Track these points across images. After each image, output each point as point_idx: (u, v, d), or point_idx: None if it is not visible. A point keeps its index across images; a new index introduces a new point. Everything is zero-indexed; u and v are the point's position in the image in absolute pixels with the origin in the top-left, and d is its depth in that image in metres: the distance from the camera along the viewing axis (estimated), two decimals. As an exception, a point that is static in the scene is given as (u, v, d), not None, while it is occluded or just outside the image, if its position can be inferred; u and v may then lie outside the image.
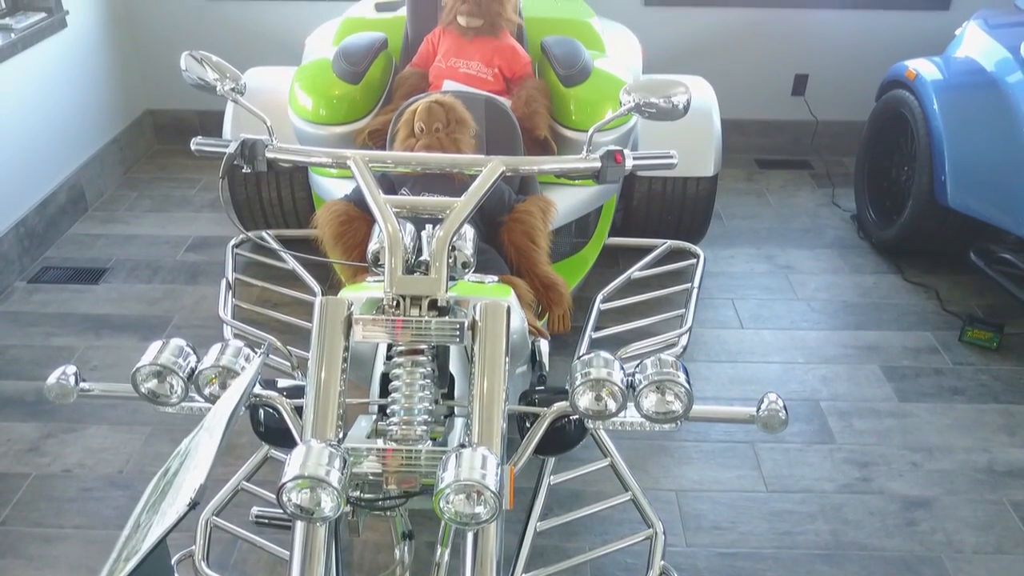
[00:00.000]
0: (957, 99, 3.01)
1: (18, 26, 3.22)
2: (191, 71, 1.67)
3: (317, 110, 2.62)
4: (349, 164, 1.57)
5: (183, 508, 0.91)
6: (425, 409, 1.41)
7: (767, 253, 3.37)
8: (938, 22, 3.85)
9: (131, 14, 3.99)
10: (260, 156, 1.64)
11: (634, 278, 2.83)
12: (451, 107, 2.19)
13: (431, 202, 1.54)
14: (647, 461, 2.33)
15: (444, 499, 1.22)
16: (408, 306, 1.41)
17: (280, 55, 3.83)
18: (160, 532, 0.91)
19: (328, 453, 1.23)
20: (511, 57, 2.66)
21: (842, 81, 4.05)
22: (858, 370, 2.72)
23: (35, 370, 2.67)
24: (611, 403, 1.45)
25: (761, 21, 3.95)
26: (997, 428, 2.47)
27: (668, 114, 1.64)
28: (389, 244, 1.42)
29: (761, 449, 2.38)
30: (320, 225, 2.18)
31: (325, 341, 1.37)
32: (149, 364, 1.47)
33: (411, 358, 1.42)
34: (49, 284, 3.12)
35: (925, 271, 3.23)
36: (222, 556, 2.01)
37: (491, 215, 2.21)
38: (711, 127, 3.02)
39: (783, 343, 2.84)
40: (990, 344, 2.80)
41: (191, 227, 3.52)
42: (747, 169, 4.11)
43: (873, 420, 2.50)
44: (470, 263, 1.56)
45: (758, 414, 1.50)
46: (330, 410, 1.33)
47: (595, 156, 1.60)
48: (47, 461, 2.32)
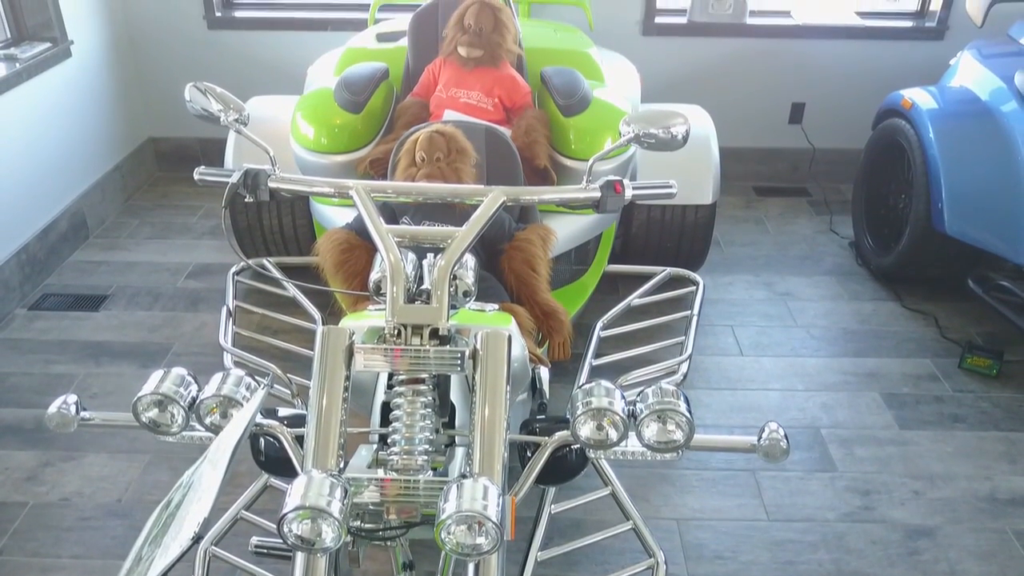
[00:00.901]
0: (953, 128, 3.04)
1: (23, 56, 3.26)
2: (195, 102, 1.68)
3: (319, 139, 2.64)
4: (351, 194, 1.58)
5: (186, 542, 0.91)
6: (426, 439, 1.40)
7: (766, 280, 3.39)
8: (932, 52, 3.90)
9: (134, 43, 4.03)
10: (263, 186, 1.65)
11: (634, 305, 2.84)
12: (452, 137, 2.21)
13: (433, 232, 1.55)
14: (648, 490, 2.33)
15: (445, 530, 1.21)
16: (409, 335, 1.41)
17: (282, 84, 3.87)
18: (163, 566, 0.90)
19: (329, 483, 1.23)
20: (511, 87, 2.69)
21: (838, 110, 4.09)
22: (858, 397, 2.71)
23: (34, 398, 2.66)
24: (612, 433, 1.45)
25: (758, 51, 4.00)
26: (998, 456, 2.47)
27: (667, 144, 1.66)
28: (391, 273, 1.43)
29: (762, 477, 2.38)
30: (321, 253, 2.19)
31: (326, 370, 1.38)
32: (151, 393, 1.46)
33: (412, 387, 1.42)
34: (49, 311, 3.12)
35: (924, 298, 3.24)
36: (220, 586, 1.99)
37: (492, 243, 2.22)
38: (709, 155, 3.04)
39: (783, 370, 2.84)
40: (990, 371, 2.80)
41: (192, 254, 3.54)
42: (745, 196, 4.13)
43: (874, 448, 2.50)
44: (471, 292, 1.56)
45: (759, 443, 1.50)
46: (331, 440, 1.33)
47: (595, 186, 1.61)
48: (45, 490, 2.31)
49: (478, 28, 2.61)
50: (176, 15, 3.96)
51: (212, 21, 3.97)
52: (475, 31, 2.61)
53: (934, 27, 3.90)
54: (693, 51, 4.00)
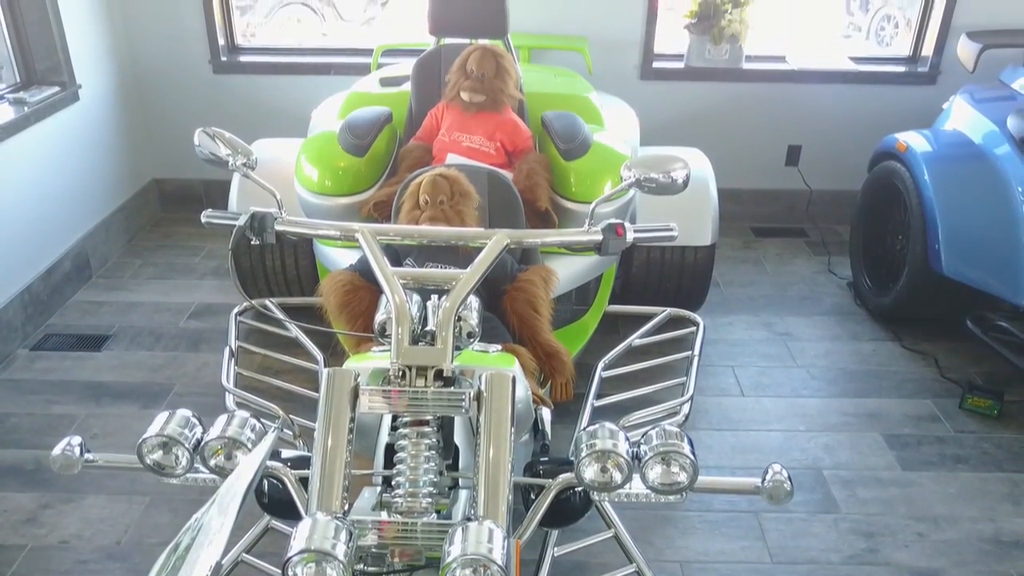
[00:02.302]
0: (947, 170, 3.08)
1: (32, 99, 3.31)
2: (204, 146, 1.72)
3: (323, 181, 2.67)
4: (357, 237, 1.61)
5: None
6: (430, 481, 1.41)
7: (765, 320, 3.40)
8: (925, 96, 3.97)
9: (141, 87, 4.10)
10: (269, 229, 1.68)
11: (635, 345, 2.85)
12: (455, 180, 2.24)
13: (437, 274, 1.57)
14: (651, 532, 2.31)
15: (450, 573, 1.21)
16: (414, 376, 1.42)
17: (286, 127, 3.92)
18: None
19: (334, 526, 1.23)
20: (513, 132, 2.73)
21: (834, 152, 4.15)
22: (860, 438, 2.71)
23: (35, 438, 2.66)
24: (617, 475, 1.45)
25: (754, 95, 4.07)
26: (1002, 497, 2.46)
27: (668, 189, 1.69)
28: (396, 315, 1.44)
29: (765, 519, 2.36)
30: (325, 294, 2.21)
31: (331, 412, 1.38)
32: (155, 435, 1.47)
33: (416, 429, 1.43)
34: (51, 351, 3.13)
35: (923, 338, 3.25)
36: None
37: (494, 284, 2.24)
38: (708, 197, 3.08)
39: (784, 411, 2.84)
40: (991, 412, 2.81)
41: (194, 294, 3.55)
42: (744, 237, 4.17)
43: (877, 489, 2.49)
44: (475, 333, 1.58)
45: (763, 485, 1.50)
46: (336, 482, 1.33)
47: (597, 229, 1.64)
48: (44, 532, 2.29)
49: (480, 74, 2.67)
50: (183, 59, 4.03)
51: (218, 66, 4.05)
52: (477, 76, 2.66)
53: (926, 72, 3.98)
54: (691, 95, 4.07)
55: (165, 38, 3.99)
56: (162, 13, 3.93)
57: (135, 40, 4.00)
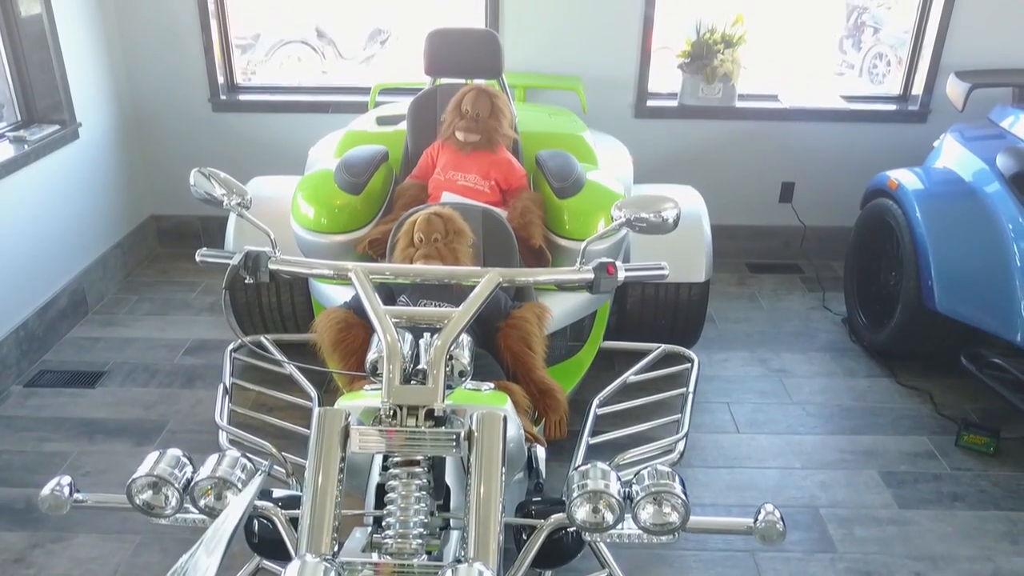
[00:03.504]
0: (939, 207, 3.11)
1: (32, 137, 3.35)
2: (199, 186, 1.73)
3: (319, 219, 2.69)
4: (350, 276, 1.62)
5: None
6: (421, 522, 1.40)
7: (761, 357, 3.40)
8: (916, 134, 4.02)
9: (140, 124, 4.14)
10: (263, 267, 1.69)
11: (630, 382, 2.85)
12: (449, 218, 2.26)
13: (429, 312, 1.58)
14: (646, 572, 2.29)
15: (440, 616, 1.20)
16: (405, 416, 1.42)
17: (284, 164, 3.96)
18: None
19: (323, 568, 1.22)
20: (507, 170, 2.76)
21: (827, 189, 4.19)
22: (856, 476, 2.70)
23: (26, 476, 2.64)
24: (608, 515, 1.44)
25: (747, 132, 4.12)
26: (1000, 536, 2.44)
27: (658, 228, 1.71)
28: (388, 354, 1.45)
29: (761, 559, 2.34)
30: (319, 332, 2.21)
31: (322, 451, 1.38)
32: (145, 475, 1.46)
33: (407, 469, 1.42)
34: (45, 388, 3.12)
35: (918, 374, 3.25)
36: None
37: (487, 321, 2.25)
38: (701, 235, 3.10)
39: (780, 448, 2.83)
40: (987, 449, 2.80)
41: (190, 330, 3.55)
42: (739, 273, 4.19)
43: (874, 528, 2.47)
44: (467, 372, 1.58)
45: (755, 525, 1.49)
46: (325, 523, 1.32)
47: (588, 268, 1.65)
48: (33, 572, 2.27)
49: (475, 114, 2.70)
50: (182, 98, 4.08)
51: (217, 104, 4.10)
52: (472, 116, 2.70)
53: (917, 110, 4.04)
54: (685, 133, 4.12)
55: (165, 77, 4.04)
56: (163, 52, 3.99)
57: (135, 78, 4.05)
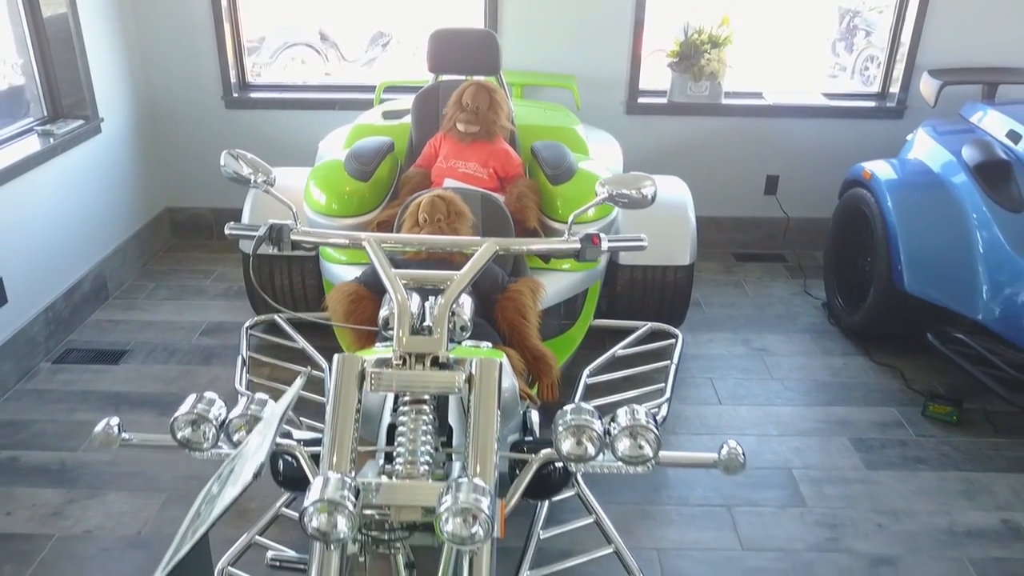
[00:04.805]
0: (908, 197, 3.32)
1: (58, 132, 3.56)
2: (228, 167, 1.95)
3: (330, 204, 2.91)
4: (364, 245, 1.83)
5: (249, 477, 1.16)
6: (427, 452, 1.61)
7: (744, 337, 3.62)
8: (893, 129, 4.23)
9: (157, 121, 4.36)
10: (286, 238, 1.90)
11: (618, 356, 3.06)
12: (451, 201, 2.48)
13: (434, 275, 1.80)
14: (631, 523, 2.50)
15: (443, 522, 1.40)
16: (413, 362, 1.64)
17: (294, 158, 4.18)
18: (229, 499, 1.14)
19: (344, 482, 1.43)
20: (504, 159, 2.98)
21: (809, 182, 4.40)
22: (828, 442, 2.91)
23: (59, 442, 2.85)
24: (590, 448, 1.65)
25: (734, 128, 4.33)
26: (957, 494, 2.65)
27: (638, 203, 1.93)
28: (398, 311, 1.67)
29: (737, 513, 2.55)
30: (332, 304, 2.43)
31: (341, 390, 1.59)
32: (186, 413, 1.67)
33: (415, 407, 1.63)
34: (72, 364, 3.34)
35: (891, 353, 3.46)
36: (234, 607, 2.15)
37: (486, 294, 2.46)
38: (686, 221, 3.31)
39: (759, 418, 3.04)
40: (950, 418, 3.01)
41: (205, 314, 3.77)
42: (726, 262, 4.40)
43: (842, 486, 2.68)
44: (468, 327, 1.79)
45: (720, 458, 1.70)
46: (345, 450, 1.54)
47: (575, 238, 1.87)
48: (70, 524, 2.48)
49: (475, 107, 2.92)
50: (197, 96, 4.30)
51: (230, 101, 4.31)
52: (472, 109, 2.92)
53: (894, 107, 4.25)
54: (674, 129, 4.34)
55: (181, 75, 4.26)
56: (178, 52, 4.21)
57: (153, 77, 4.27)
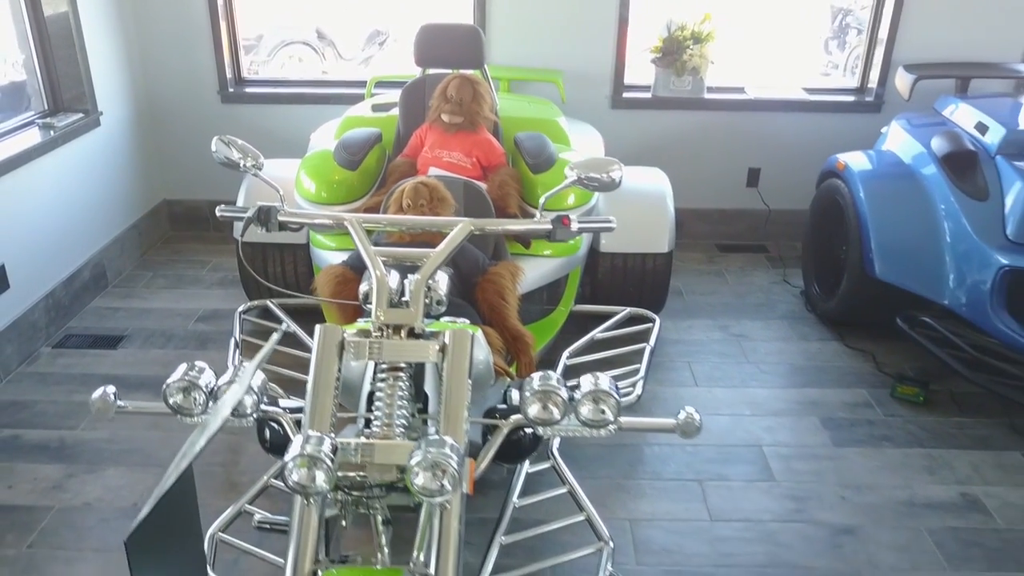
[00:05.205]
0: (880, 187, 3.44)
1: (59, 124, 3.68)
2: (220, 152, 2.06)
3: (320, 192, 3.03)
4: (346, 224, 1.95)
5: (227, 411, 1.33)
6: (403, 416, 1.72)
7: (723, 324, 3.73)
8: (871, 122, 4.34)
9: (155, 115, 4.48)
10: (273, 219, 2.02)
11: (597, 339, 3.18)
12: (434, 187, 2.59)
13: (412, 252, 1.92)
14: (606, 497, 2.61)
15: (413, 475, 1.51)
16: (391, 333, 1.75)
17: (287, 150, 4.29)
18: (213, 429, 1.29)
19: (323, 439, 1.54)
20: (488, 149, 3.10)
21: (790, 174, 4.51)
22: (799, 421, 3.02)
23: (59, 421, 2.97)
24: (555, 412, 1.76)
25: (716, 122, 4.44)
26: (920, 469, 2.77)
27: (606, 186, 2.04)
28: (377, 285, 1.78)
29: (708, 487, 2.67)
30: (320, 285, 2.54)
31: (322, 359, 1.71)
32: (178, 380, 1.79)
33: (392, 374, 1.75)
34: (72, 349, 3.45)
35: (864, 338, 3.58)
36: (226, 565, 2.26)
37: (468, 276, 2.58)
38: (665, 210, 3.43)
39: (733, 399, 3.16)
40: (917, 398, 3.12)
41: (201, 302, 3.88)
42: (708, 253, 4.51)
43: (810, 462, 2.80)
44: (443, 301, 1.90)
45: (678, 422, 1.81)
46: (326, 413, 1.65)
47: (547, 219, 1.98)
48: (69, 496, 2.59)
49: (459, 99, 3.04)
50: (194, 90, 4.42)
51: (226, 96, 4.43)
52: (456, 101, 3.03)
53: (872, 101, 4.37)
54: (658, 123, 4.45)
55: (178, 71, 4.38)
56: (176, 49, 4.32)
57: (151, 73, 4.39)
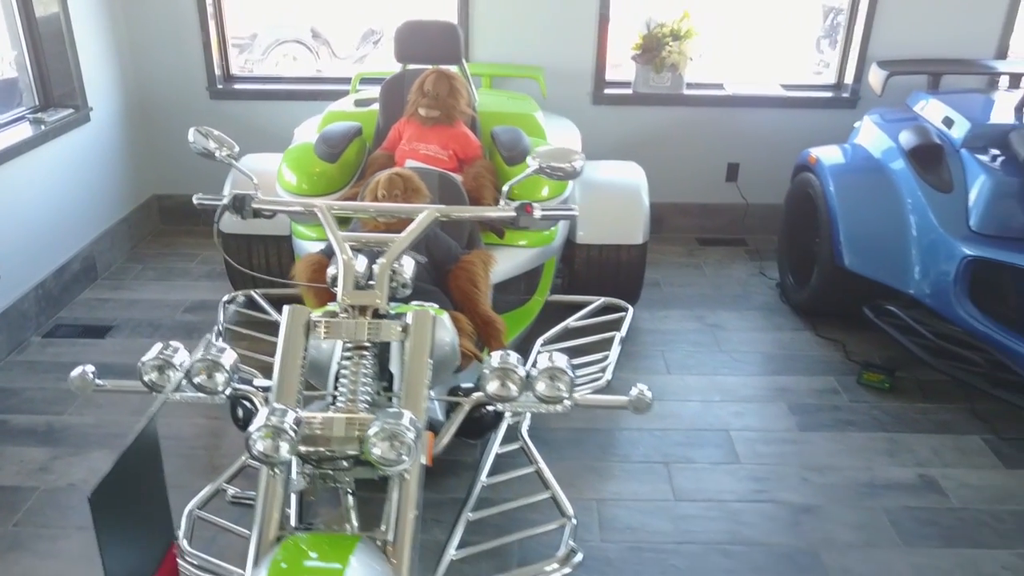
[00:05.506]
0: (849, 180, 3.53)
1: (49, 119, 3.76)
2: (197, 142, 2.15)
3: (300, 184, 3.11)
4: (316, 211, 2.03)
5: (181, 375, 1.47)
6: (367, 392, 1.80)
7: (698, 314, 3.81)
8: (848, 118, 4.40)
9: (145, 112, 4.56)
10: (248, 207, 2.11)
11: (572, 327, 3.26)
12: (408, 178, 2.68)
13: (378, 237, 2.00)
14: (576, 478, 2.69)
15: (371, 445, 1.59)
16: (356, 314, 1.84)
17: (275, 145, 4.35)
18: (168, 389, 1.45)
19: (287, 412, 1.62)
20: (464, 142, 3.18)
21: (768, 169, 4.60)
22: (767, 407, 3.11)
23: (46, 407, 3.05)
24: (513, 388, 1.84)
25: (696, 118, 4.53)
26: (881, 452, 2.85)
27: (569, 174, 2.12)
28: (343, 268, 1.87)
29: (675, 469, 2.75)
30: (297, 273, 2.63)
31: (289, 336, 1.79)
32: (153, 359, 1.87)
33: (357, 352, 1.83)
34: (61, 339, 3.54)
35: (835, 328, 3.66)
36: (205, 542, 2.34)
37: (441, 264, 2.66)
38: (640, 203, 3.51)
39: (704, 386, 3.24)
40: (883, 385, 3.21)
41: (189, 293, 3.97)
42: (688, 246, 4.60)
43: (775, 446, 2.88)
44: (408, 285, 1.99)
45: (630, 399, 1.89)
46: (292, 388, 1.74)
47: (511, 207, 2.07)
48: (54, 478, 2.68)
49: (435, 93, 3.12)
50: (183, 87, 4.50)
51: (214, 92, 4.51)
52: (433, 95, 3.12)
53: (848, 97, 4.45)
54: (639, 118, 4.53)
55: (168, 68, 4.46)
56: (165, 46, 4.41)
57: (142, 70, 4.47)
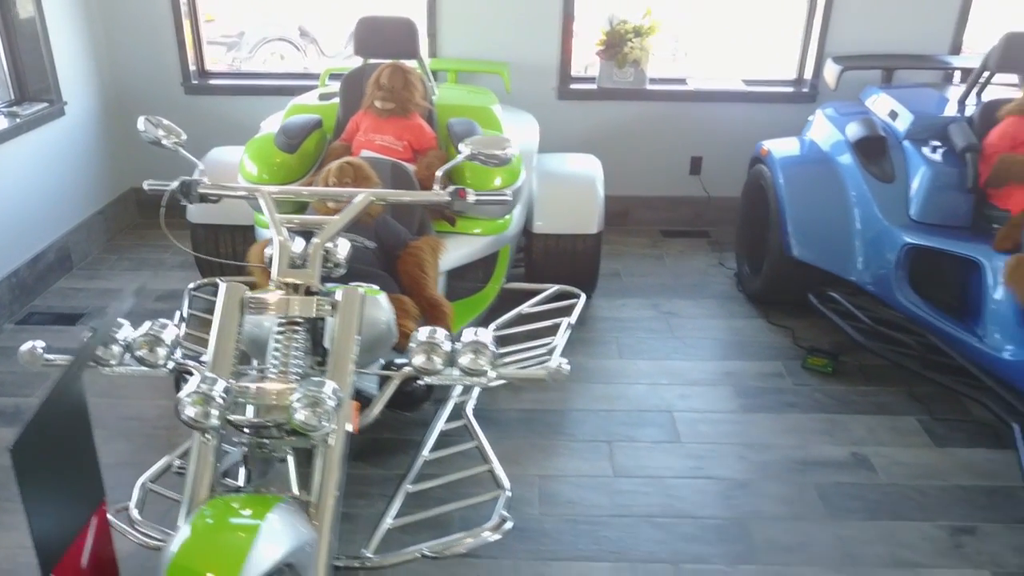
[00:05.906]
0: (797, 171, 3.64)
1: (24, 113, 3.87)
2: (148, 131, 2.26)
3: (261, 174, 3.22)
4: (258, 196, 2.14)
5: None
6: (298, 365, 1.91)
7: (655, 303, 3.92)
8: (806, 112, 4.48)
9: (121, 105, 4.66)
10: (194, 192, 2.21)
11: (525, 313, 3.37)
12: (359, 167, 2.78)
13: (314, 219, 2.11)
14: (521, 455, 2.80)
15: (294, 412, 1.69)
16: (291, 292, 1.94)
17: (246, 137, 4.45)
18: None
19: (218, 381, 1.72)
20: (418, 134, 3.29)
21: (729, 162, 4.70)
22: (713, 390, 3.21)
23: (17, 390, 3.16)
24: (438, 361, 1.95)
25: (660, 112, 4.63)
26: (818, 431, 2.96)
27: (502, 161, 2.22)
28: (278, 248, 1.97)
29: (616, 447, 2.86)
30: (249, 256, 2.73)
31: (225, 313, 1.90)
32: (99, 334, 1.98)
33: (289, 327, 1.94)
34: (34, 326, 3.64)
35: (786, 316, 3.77)
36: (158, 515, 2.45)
37: (391, 249, 2.77)
38: (595, 194, 3.62)
39: (653, 370, 3.35)
40: (826, 369, 3.31)
41: (162, 283, 4.07)
42: (652, 238, 4.70)
43: (716, 426, 2.99)
44: (342, 265, 2.09)
45: (548, 371, 1.99)
46: (226, 359, 1.84)
47: (445, 192, 2.17)
48: (19, 455, 2.78)
49: (391, 86, 3.23)
50: (158, 82, 4.60)
51: (189, 87, 4.62)
52: (388, 88, 3.23)
53: (807, 92, 4.56)
54: (603, 113, 4.64)
55: (143, 63, 4.56)
56: (141, 42, 4.51)
57: (118, 66, 4.58)
